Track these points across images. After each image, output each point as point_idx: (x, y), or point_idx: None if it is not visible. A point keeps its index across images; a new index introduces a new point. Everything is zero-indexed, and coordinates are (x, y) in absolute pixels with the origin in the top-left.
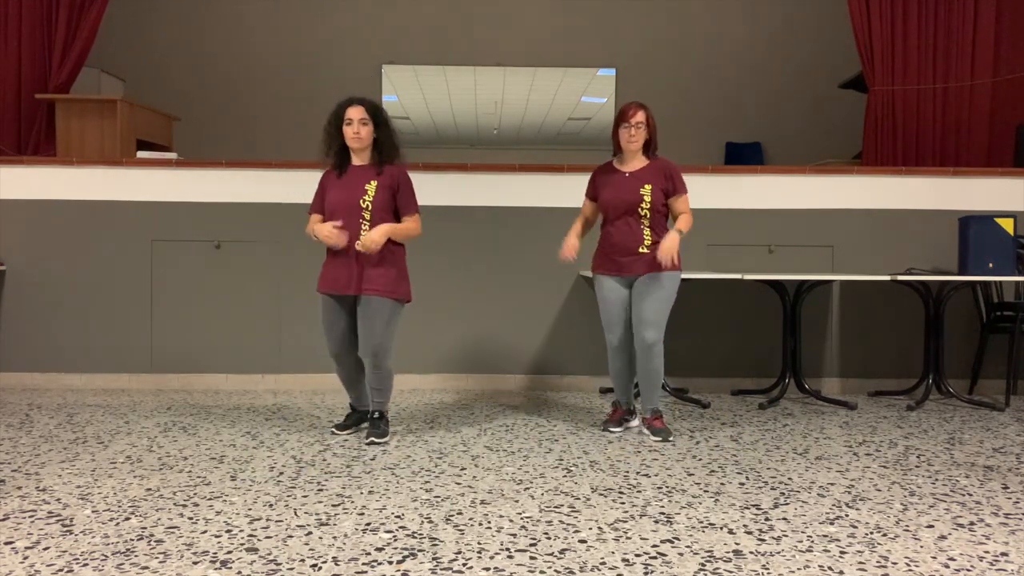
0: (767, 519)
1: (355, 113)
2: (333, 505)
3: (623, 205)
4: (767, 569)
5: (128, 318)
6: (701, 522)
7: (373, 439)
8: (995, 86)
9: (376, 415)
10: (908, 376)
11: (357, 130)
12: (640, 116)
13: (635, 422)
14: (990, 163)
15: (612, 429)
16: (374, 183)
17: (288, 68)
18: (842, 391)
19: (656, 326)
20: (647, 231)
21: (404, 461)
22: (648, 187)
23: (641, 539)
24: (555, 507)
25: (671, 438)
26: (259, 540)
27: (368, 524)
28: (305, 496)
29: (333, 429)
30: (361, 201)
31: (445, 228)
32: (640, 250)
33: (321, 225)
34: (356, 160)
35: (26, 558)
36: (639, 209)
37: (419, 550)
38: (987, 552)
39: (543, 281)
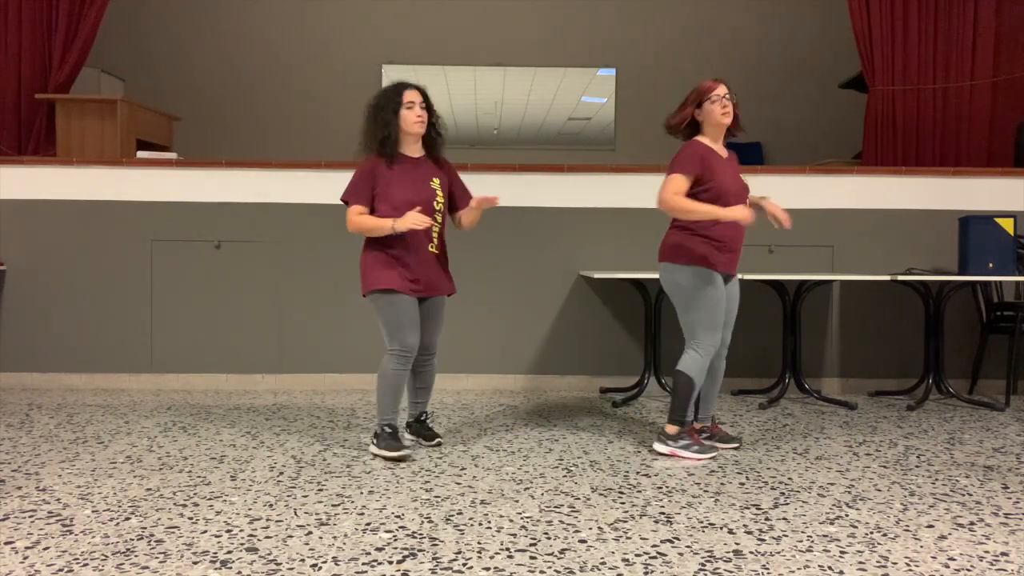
0: (767, 519)
1: (416, 96)
2: (333, 505)
3: (739, 194)
4: (767, 569)
5: (128, 318)
6: (701, 522)
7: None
8: (995, 86)
9: (424, 416)
10: (908, 376)
11: (420, 114)
12: (724, 88)
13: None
14: (990, 163)
15: (719, 447)
16: (437, 180)
17: (288, 68)
18: (842, 391)
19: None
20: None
21: (404, 461)
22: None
23: (641, 539)
24: (555, 507)
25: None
26: (259, 540)
27: (368, 524)
28: (305, 496)
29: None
30: (435, 203)
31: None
32: (741, 247)
33: (411, 217)
34: (410, 151)
35: (26, 558)
36: (747, 201)
37: (419, 550)
38: (987, 552)
39: (543, 281)
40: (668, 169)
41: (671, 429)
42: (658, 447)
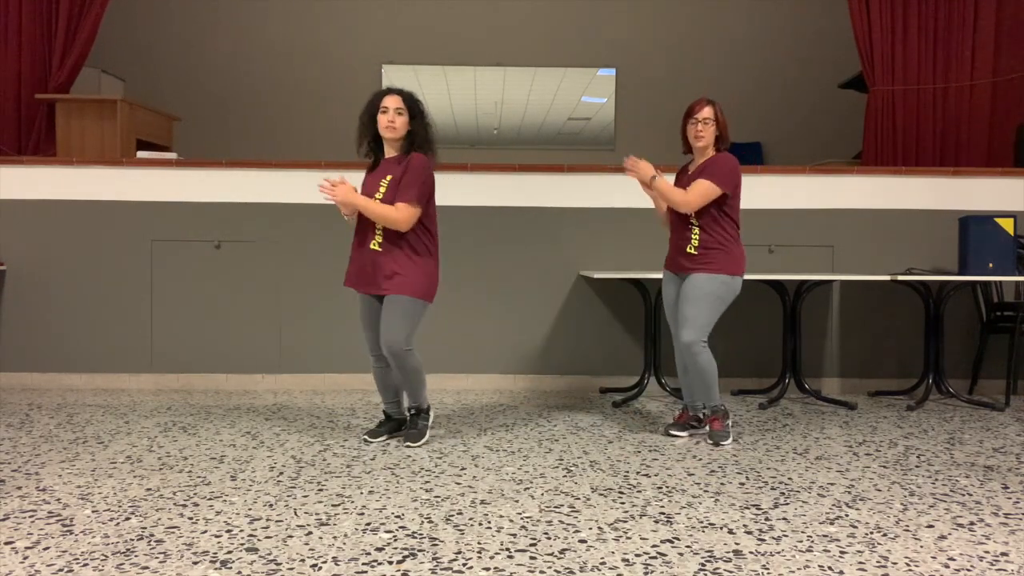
0: (767, 519)
1: (391, 102)
2: (333, 505)
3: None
4: (767, 569)
5: (128, 318)
6: (701, 522)
7: (408, 443)
8: (995, 86)
9: (412, 411)
10: (908, 376)
11: (392, 119)
12: (707, 111)
13: (705, 431)
14: (990, 163)
15: (672, 432)
16: (389, 177)
17: (288, 68)
18: (842, 391)
19: (690, 327)
20: (695, 231)
21: (404, 461)
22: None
23: (641, 539)
24: (555, 507)
25: (725, 442)
26: (259, 540)
27: (368, 524)
28: (305, 496)
29: (365, 437)
30: (375, 197)
31: (445, 228)
32: (688, 250)
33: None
34: (388, 153)
35: (26, 558)
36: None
37: (419, 550)
38: (987, 552)
39: (543, 281)
40: None
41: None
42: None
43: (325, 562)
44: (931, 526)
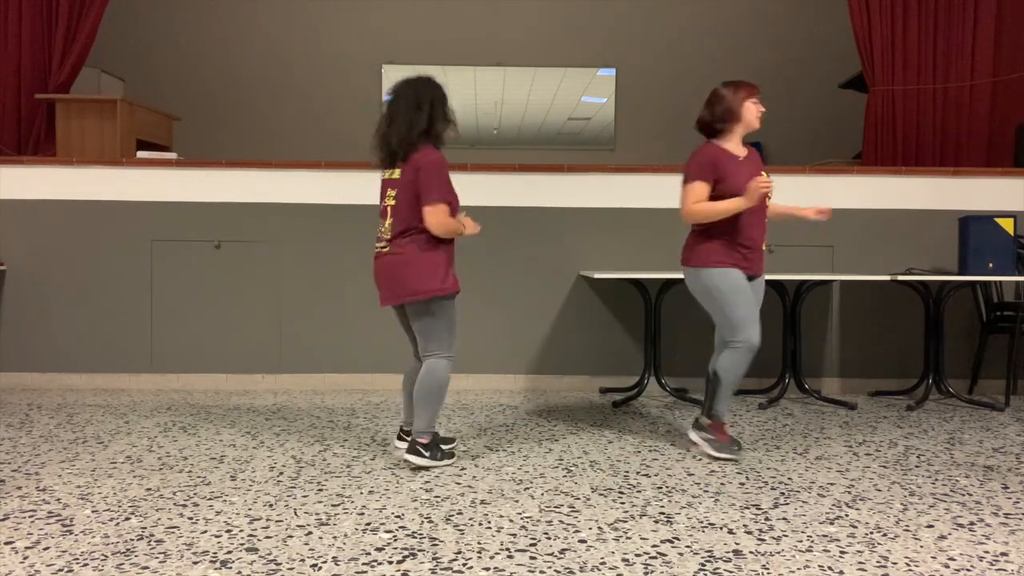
0: (767, 519)
1: None
2: (333, 505)
3: None
4: (767, 569)
5: (128, 318)
6: (701, 522)
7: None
8: (995, 86)
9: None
10: (908, 376)
11: None
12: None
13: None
14: (990, 163)
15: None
16: None
17: (288, 68)
18: (842, 391)
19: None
20: (765, 225)
21: (404, 461)
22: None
23: (641, 539)
24: (555, 507)
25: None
26: (259, 540)
27: (368, 524)
28: (305, 496)
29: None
30: None
31: None
32: (763, 246)
33: (466, 220)
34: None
35: (26, 558)
36: (767, 201)
37: (419, 550)
38: (987, 552)
39: (543, 281)
40: (685, 177)
41: (705, 421)
42: (691, 434)
43: (325, 562)
44: (931, 526)
